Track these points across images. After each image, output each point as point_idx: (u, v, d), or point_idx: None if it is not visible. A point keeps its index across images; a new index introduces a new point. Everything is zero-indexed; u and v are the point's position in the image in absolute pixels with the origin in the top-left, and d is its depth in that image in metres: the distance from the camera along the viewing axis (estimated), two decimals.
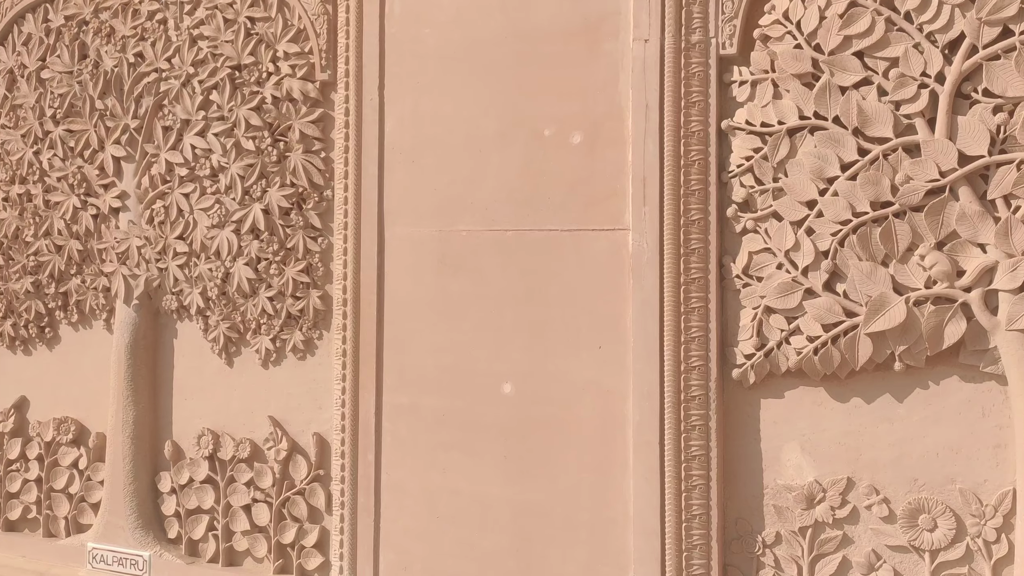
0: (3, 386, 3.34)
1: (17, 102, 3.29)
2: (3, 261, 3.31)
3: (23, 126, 3.28)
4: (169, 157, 3.02)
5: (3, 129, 3.32)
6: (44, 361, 3.28)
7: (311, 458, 2.81)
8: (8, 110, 3.31)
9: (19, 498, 3.27)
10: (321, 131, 2.82)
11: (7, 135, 3.31)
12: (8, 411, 3.31)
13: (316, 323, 2.82)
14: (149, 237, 3.04)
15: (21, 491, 3.27)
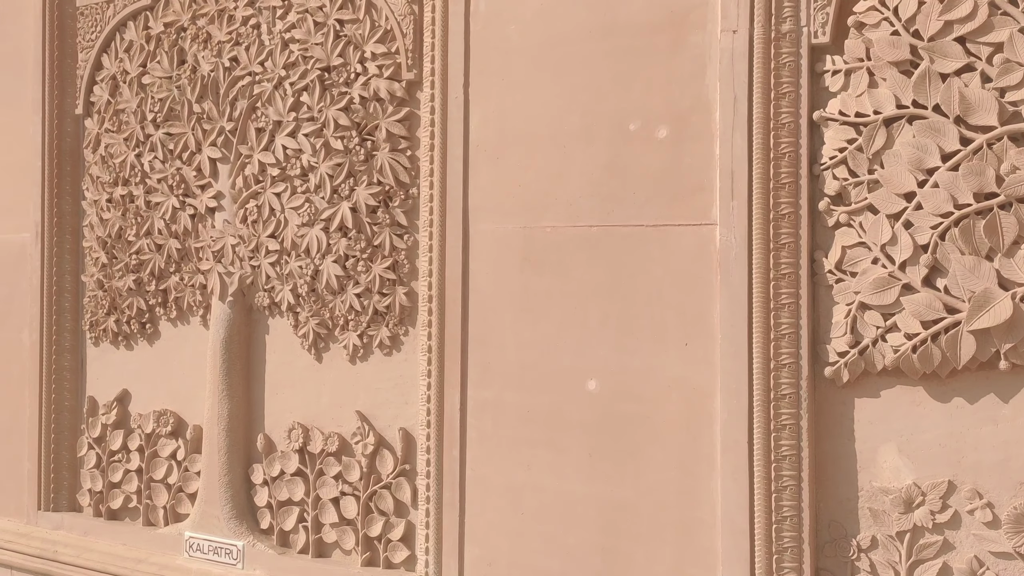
0: (107, 380, 3.43)
1: (120, 107, 3.37)
2: (107, 260, 3.40)
3: (125, 130, 3.36)
4: (262, 158, 3.04)
5: (107, 133, 3.41)
6: (145, 356, 3.35)
7: (397, 453, 2.80)
8: (112, 115, 3.40)
9: (121, 487, 3.35)
10: (407, 130, 2.81)
11: (111, 139, 3.39)
12: (111, 404, 3.39)
13: (402, 319, 2.81)
14: (243, 236, 3.08)
15: (123, 481, 3.35)
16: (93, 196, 3.44)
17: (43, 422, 3.44)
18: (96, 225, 3.43)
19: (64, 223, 3.48)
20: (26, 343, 3.51)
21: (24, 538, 3.44)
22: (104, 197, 3.40)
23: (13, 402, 3.54)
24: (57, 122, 3.48)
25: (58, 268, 3.48)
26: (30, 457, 3.47)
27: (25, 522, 3.48)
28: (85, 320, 3.47)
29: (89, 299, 3.45)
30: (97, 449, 3.41)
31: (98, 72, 3.45)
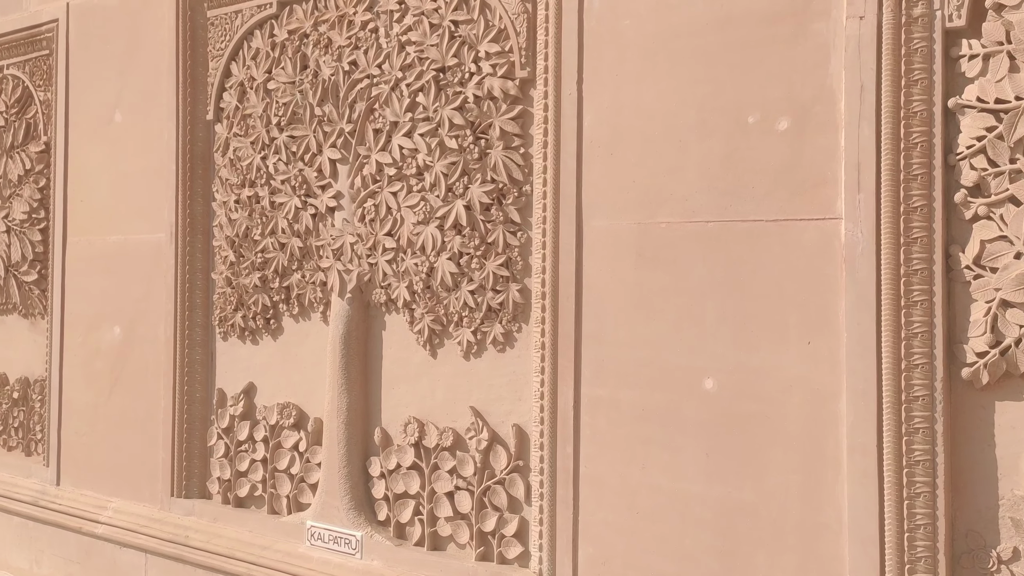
0: (235, 373, 3.49)
1: (247, 112, 3.42)
2: (235, 258, 3.45)
3: (252, 134, 3.40)
4: (379, 158, 3.03)
5: (235, 137, 3.46)
6: (269, 350, 3.39)
7: (511, 449, 2.74)
8: (239, 120, 3.45)
9: (247, 476, 3.40)
10: (520, 127, 2.75)
11: (239, 143, 3.45)
12: (238, 396, 3.45)
13: (515, 316, 2.75)
14: (361, 234, 3.07)
15: (249, 470, 3.40)
16: (222, 197, 3.50)
17: (176, 413, 3.52)
18: (225, 225, 3.49)
19: (196, 223, 3.56)
20: (161, 338, 3.61)
21: (158, 523, 3.54)
22: (232, 198, 3.46)
23: (150, 393, 3.64)
24: (189, 127, 3.56)
25: (190, 266, 3.55)
26: (164, 446, 3.56)
27: (159, 508, 3.57)
28: (214, 316, 3.54)
29: (218, 296, 3.52)
30: (225, 439, 3.47)
31: (227, 79, 3.51)
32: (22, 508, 4.03)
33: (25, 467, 4.15)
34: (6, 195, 4.33)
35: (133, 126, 3.78)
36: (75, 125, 4.00)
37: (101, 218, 3.89)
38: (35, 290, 4.21)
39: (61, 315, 4.01)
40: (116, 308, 3.81)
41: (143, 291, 3.71)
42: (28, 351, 4.29)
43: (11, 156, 4.32)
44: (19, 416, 4.28)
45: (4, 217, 4.32)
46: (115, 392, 3.78)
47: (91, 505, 3.79)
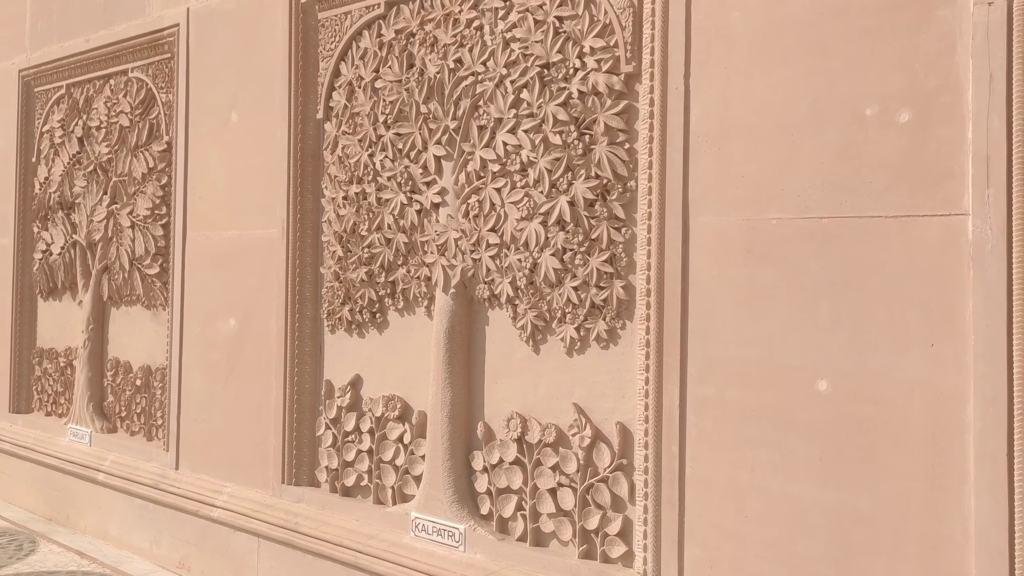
0: (342, 365, 3.52)
1: (355, 110, 3.45)
2: (343, 253, 3.49)
3: (359, 132, 3.43)
4: (483, 154, 3.01)
5: (344, 135, 3.49)
6: (375, 343, 3.41)
7: (614, 447, 2.67)
8: (348, 118, 3.48)
9: (354, 466, 3.43)
10: (625, 123, 2.68)
11: (347, 141, 3.47)
12: (345, 387, 3.48)
13: (619, 313, 2.68)
14: (465, 230, 3.06)
15: (355, 460, 3.42)
16: (331, 194, 3.54)
17: (287, 402, 3.58)
18: (333, 221, 3.52)
19: (306, 219, 3.61)
20: (273, 330, 3.67)
21: (269, 509, 3.60)
22: (340, 195, 3.49)
23: (262, 383, 3.72)
24: (300, 126, 3.61)
25: (300, 261, 3.60)
26: (275, 434, 3.62)
27: (270, 494, 3.64)
28: (323, 309, 3.58)
29: (327, 290, 3.56)
30: (333, 430, 3.51)
31: (336, 79, 3.54)
32: (143, 491, 4.17)
33: (146, 451, 4.29)
34: (131, 192, 4.49)
35: (248, 125, 3.86)
36: (194, 125, 4.11)
37: (218, 214, 3.99)
38: (157, 283, 4.35)
39: (181, 307, 4.13)
40: (231, 300, 3.90)
41: (256, 284, 3.78)
42: (150, 341, 4.44)
43: (135, 155, 4.47)
44: (141, 402, 4.44)
45: (129, 213, 4.48)
46: (230, 381, 3.88)
47: (207, 489, 3.89)
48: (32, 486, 4.93)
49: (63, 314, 5.01)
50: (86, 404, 4.70)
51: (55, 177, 4.98)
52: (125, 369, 4.56)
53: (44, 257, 5.07)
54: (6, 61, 5.34)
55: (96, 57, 4.66)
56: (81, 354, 4.75)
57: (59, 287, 5.00)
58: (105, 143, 4.64)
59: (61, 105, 4.96)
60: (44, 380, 5.09)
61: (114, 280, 4.61)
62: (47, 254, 5.05)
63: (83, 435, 4.67)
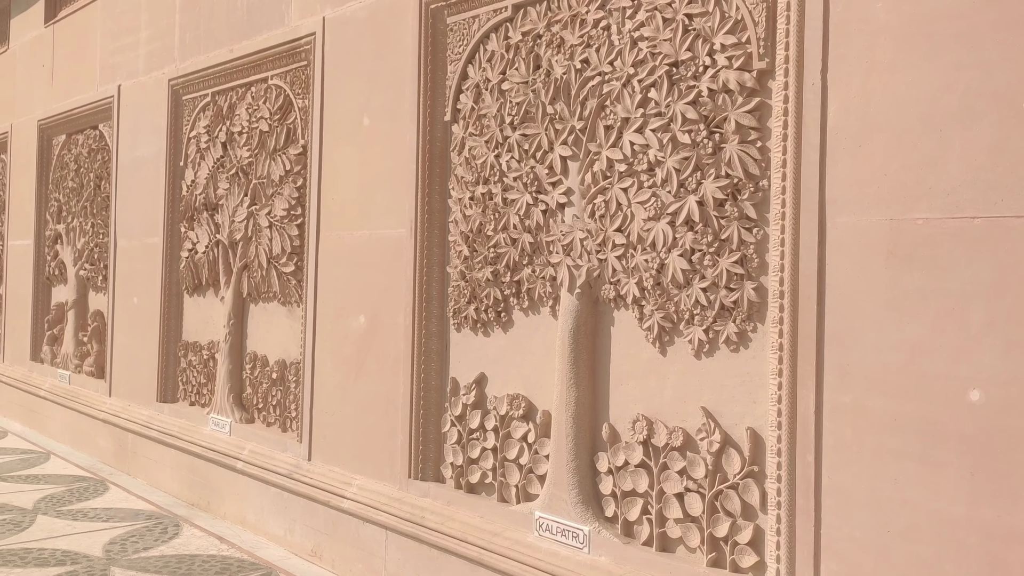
0: (467, 363, 3.53)
1: (482, 112, 3.45)
2: (468, 253, 3.50)
3: (486, 133, 3.43)
4: (610, 154, 2.95)
5: (471, 137, 3.50)
6: (500, 342, 3.40)
7: (744, 453, 2.57)
8: (475, 120, 3.48)
9: (478, 464, 3.43)
10: (757, 120, 2.57)
11: (474, 142, 3.48)
12: (470, 385, 3.49)
13: (750, 315, 2.58)
14: (591, 230, 3.01)
15: (480, 457, 3.43)
16: (458, 194, 3.56)
17: (413, 399, 3.62)
18: (460, 221, 3.54)
19: (433, 219, 3.64)
20: (401, 327, 3.72)
21: (397, 502, 3.65)
22: (467, 195, 3.50)
23: (391, 379, 3.77)
24: (429, 129, 3.64)
25: (427, 260, 3.64)
26: (403, 430, 3.67)
27: (398, 488, 3.69)
28: (449, 307, 3.60)
29: (453, 288, 3.58)
30: (458, 427, 3.53)
31: (464, 81, 3.56)
32: (278, 480, 4.30)
33: (281, 442, 4.43)
34: (269, 193, 4.64)
35: (379, 129, 3.93)
36: (328, 129, 4.22)
37: (349, 214, 4.08)
38: (292, 280, 4.49)
39: (314, 303, 4.25)
40: (362, 298, 3.97)
41: (386, 283, 3.84)
42: (285, 336, 4.58)
43: (274, 158, 4.62)
44: (277, 395, 4.59)
45: (267, 213, 4.64)
46: (360, 376, 3.95)
47: (338, 481, 3.98)
48: (176, 472, 5.17)
49: (206, 309, 5.23)
50: (226, 395, 4.90)
51: (200, 180, 5.21)
52: (262, 363, 4.73)
53: (190, 255, 5.31)
54: (157, 71, 5.63)
55: (239, 66, 4.85)
56: (222, 347, 4.95)
57: (203, 284, 5.23)
58: (246, 147, 4.82)
59: (207, 112, 5.18)
60: (189, 371, 5.33)
61: (253, 277, 4.78)
62: (193, 252, 5.29)
63: (223, 425, 4.86)
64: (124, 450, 5.73)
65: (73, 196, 6.80)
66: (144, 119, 5.76)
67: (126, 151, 6.00)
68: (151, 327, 5.56)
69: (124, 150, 6.02)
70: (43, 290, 7.28)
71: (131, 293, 5.87)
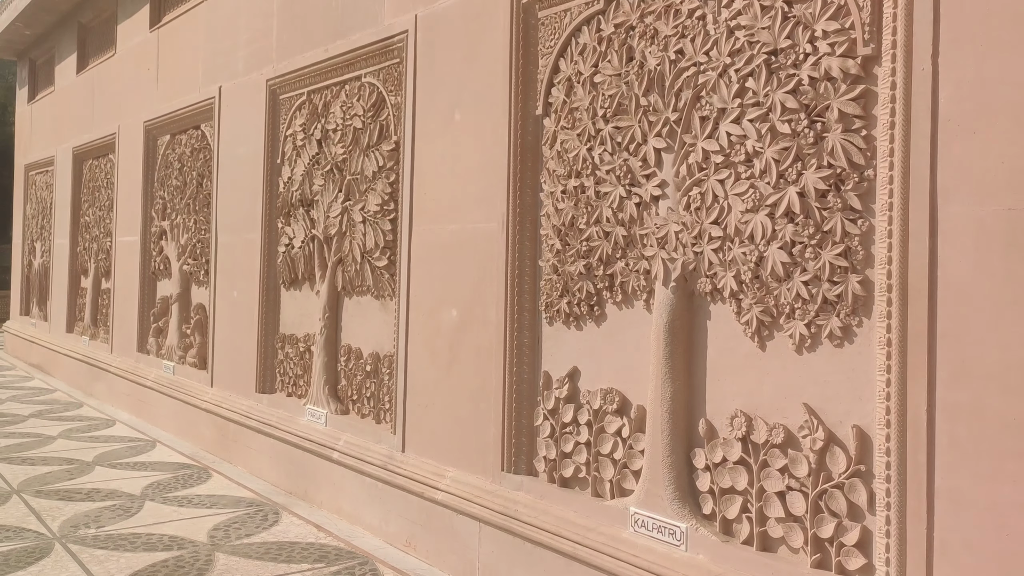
0: (560, 356, 3.51)
1: (574, 105, 3.42)
2: (561, 246, 3.47)
3: (578, 126, 3.40)
4: (705, 146, 2.89)
5: (562, 130, 3.48)
6: (592, 336, 3.37)
7: (850, 451, 2.48)
8: (567, 113, 3.46)
9: (571, 458, 3.41)
10: (862, 108, 2.48)
11: (565, 135, 3.46)
12: (563, 379, 3.47)
13: (855, 309, 2.49)
14: (686, 223, 2.96)
15: (573, 452, 3.40)
16: (549, 188, 3.54)
17: (506, 392, 3.62)
18: (552, 215, 3.52)
19: (525, 213, 3.63)
20: (493, 320, 3.72)
21: (490, 495, 3.66)
22: (559, 189, 3.48)
23: (483, 372, 3.78)
24: (520, 123, 3.63)
25: (519, 254, 3.63)
26: (495, 422, 3.68)
27: (490, 481, 3.70)
28: (541, 301, 3.59)
29: (545, 282, 3.56)
30: (551, 420, 3.51)
31: (555, 75, 3.54)
32: (373, 471, 4.37)
33: (375, 433, 4.50)
34: (362, 189, 4.71)
35: (470, 124, 3.94)
36: (420, 125, 4.25)
37: (441, 209, 4.10)
38: (385, 274, 4.55)
39: (407, 297, 4.29)
40: (454, 292, 4.00)
41: (477, 276, 3.85)
42: (379, 329, 4.64)
43: (367, 154, 4.69)
44: (371, 387, 4.66)
45: (361, 209, 4.71)
46: (452, 369, 3.98)
47: (431, 473, 4.01)
48: (275, 461, 5.31)
49: (302, 303, 5.35)
50: (322, 387, 5.00)
51: (296, 177, 5.32)
52: (356, 355, 4.81)
53: (287, 250, 5.44)
54: (255, 72, 5.77)
55: (333, 65, 4.93)
56: (318, 340, 5.05)
57: (299, 278, 5.35)
58: (340, 144, 4.90)
59: (302, 110, 5.29)
60: (286, 363, 5.46)
61: (347, 272, 4.86)
62: (289, 248, 5.41)
63: (319, 416, 4.96)
64: (225, 439, 5.91)
65: (177, 194, 7.05)
66: (243, 119, 5.93)
67: (226, 150, 6.18)
68: (250, 320, 5.71)
69: (224, 149, 6.21)
70: (149, 284, 7.57)
71: (231, 287, 6.05)
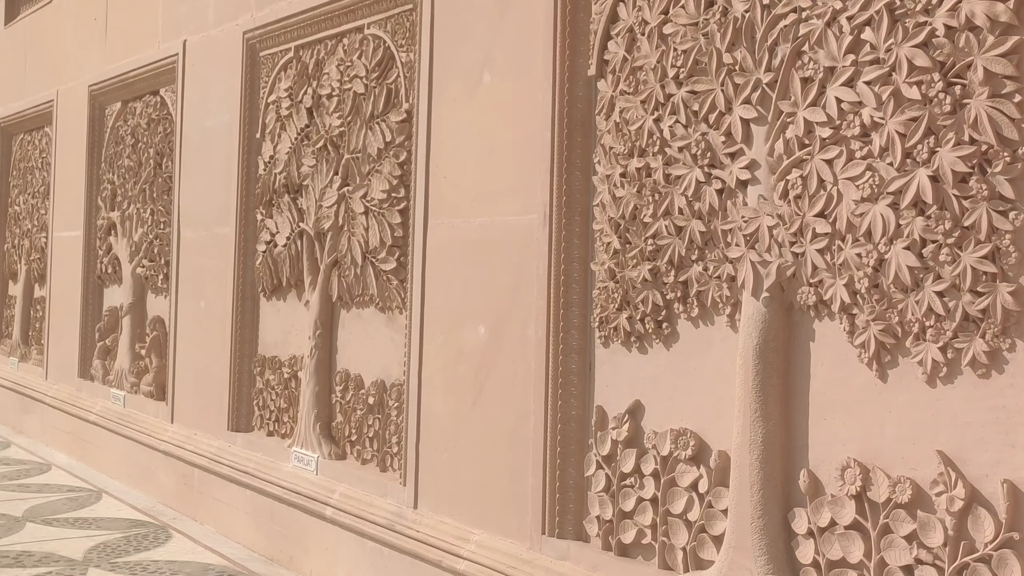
0: (617, 387, 3.51)
1: (637, 63, 3.42)
2: (619, 245, 3.47)
3: (643, 91, 3.40)
4: (808, 115, 2.89)
5: (622, 96, 3.48)
6: (660, 361, 3.37)
7: (999, 514, 2.45)
8: (627, 74, 3.46)
9: (633, 518, 3.40)
10: (1015, 67, 2.46)
11: (626, 102, 3.46)
12: (622, 416, 3.46)
13: (1005, 328, 2.47)
14: (782, 215, 2.95)
15: (635, 510, 3.39)
16: (604, 170, 3.54)
17: (548, 433, 3.62)
18: (607, 204, 3.52)
19: (573, 202, 3.63)
20: (531, 340, 3.73)
21: (527, 566, 3.65)
22: (617, 171, 3.48)
23: (517, 406, 3.79)
24: (568, 86, 3.63)
25: (566, 255, 3.63)
26: (534, 472, 3.67)
27: (527, 547, 3.69)
28: (593, 316, 3.59)
29: (599, 291, 3.56)
30: (606, 469, 3.50)
31: (613, 25, 3.54)
32: (377, 532, 4.39)
33: (380, 484, 4.52)
34: (364, 171, 4.75)
35: (503, 88, 3.95)
36: (439, 89, 4.27)
37: (466, 197, 4.12)
38: (393, 280, 4.57)
39: (421, 310, 4.31)
40: (481, 303, 4.01)
41: (511, 284, 3.86)
42: (385, 350, 4.67)
43: (370, 127, 4.73)
44: (374, 425, 4.69)
45: (363, 197, 4.75)
46: (479, 402, 3.98)
47: (451, 536, 4.02)
48: (252, 518, 5.35)
49: (288, 316, 5.40)
50: (312, 424, 5.04)
51: (281, 156, 5.38)
52: (356, 384, 4.84)
53: (268, 249, 5.50)
54: (229, 23, 5.85)
55: (328, 13, 4.98)
56: (307, 364, 5.09)
57: (284, 284, 5.40)
58: (337, 113, 4.95)
59: (289, 71, 5.35)
60: (266, 393, 5.51)
61: (345, 277, 4.90)
62: (271, 245, 5.47)
63: (309, 461, 5.00)
64: (189, 489, 5.98)
65: (129, 177, 7.16)
66: (214, 82, 6.00)
67: (192, 121, 6.26)
68: (221, 338, 5.77)
69: (190, 120, 6.29)
70: (94, 292, 7.68)
71: (197, 296, 6.12)
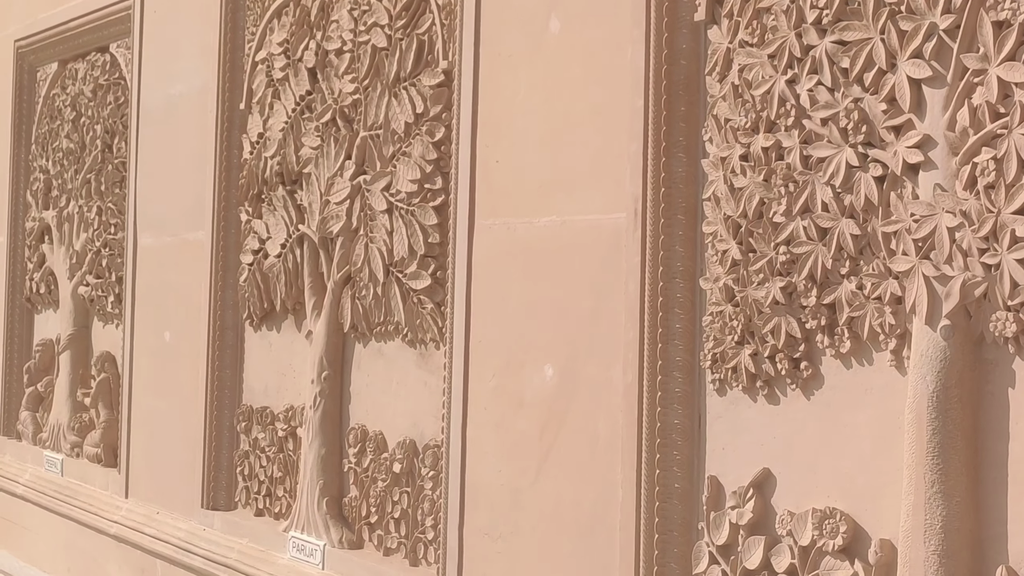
0: (737, 449, 3.50)
1: (762, 4, 3.42)
2: (739, 254, 3.46)
3: (771, 41, 3.40)
4: (1004, 73, 2.89)
5: (741, 48, 3.48)
6: (797, 413, 3.36)
7: None
8: (749, 18, 3.46)
9: None
10: None
11: (747, 57, 3.46)
12: (744, 491, 3.45)
13: None
14: (968, 211, 2.94)
15: None
16: (718, 151, 3.54)
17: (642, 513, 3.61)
18: (722, 198, 3.52)
19: (674, 196, 3.63)
20: (618, 385, 3.73)
21: None
22: (735, 152, 3.48)
23: (600, 475, 3.79)
24: (668, 36, 3.63)
25: (664, 268, 3.62)
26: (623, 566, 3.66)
27: None
28: (704, 352, 3.59)
29: (711, 318, 3.55)
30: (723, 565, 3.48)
31: None
32: None
33: None
34: (387, 155, 4.77)
35: (576, 39, 3.97)
36: (488, 42, 4.30)
37: (526, 188, 4.14)
38: (427, 303, 4.58)
39: (465, 343, 4.32)
40: (547, 334, 4.02)
41: (589, 307, 3.87)
42: (416, 399, 4.69)
43: (395, 94, 4.74)
44: (401, 501, 4.70)
45: (385, 189, 4.77)
46: (545, 470, 3.99)
47: None
48: None
49: (283, 352, 5.44)
50: (316, 500, 5.06)
51: (273, 134, 5.43)
52: (376, 445, 4.85)
53: (256, 261, 5.54)
54: None
55: None
56: (310, 418, 5.12)
57: (277, 309, 5.44)
58: (349, 75, 4.98)
59: (283, 19, 5.40)
60: (253, 458, 5.55)
61: (361, 298, 4.92)
62: (261, 256, 5.51)
63: (312, 550, 5.03)
64: None
65: (69, 164, 7.26)
66: (181, 33, 6.08)
67: (153, 88, 6.34)
68: (193, 382, 5.82)
69: (150, 86, 6.37)
70: (21, 319, 7.80)
71: (160, 325, 6.18)
